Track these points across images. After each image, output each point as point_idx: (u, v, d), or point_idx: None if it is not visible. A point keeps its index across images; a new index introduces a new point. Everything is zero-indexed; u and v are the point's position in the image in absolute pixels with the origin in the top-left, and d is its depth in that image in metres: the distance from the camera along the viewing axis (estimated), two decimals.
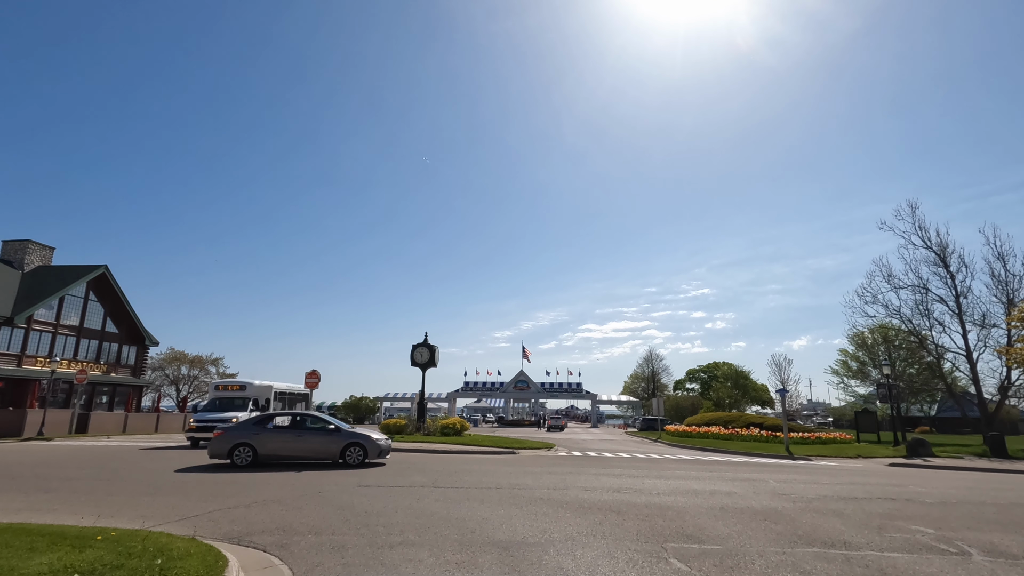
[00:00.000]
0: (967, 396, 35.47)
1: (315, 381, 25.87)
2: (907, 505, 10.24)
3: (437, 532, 7.23)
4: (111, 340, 40.12)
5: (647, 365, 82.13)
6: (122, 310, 40.44)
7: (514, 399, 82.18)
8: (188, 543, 5.87)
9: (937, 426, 50.03)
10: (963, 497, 11.56)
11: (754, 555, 6.36)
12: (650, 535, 7.30)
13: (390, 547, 6.45)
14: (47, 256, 40.46)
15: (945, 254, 31.43)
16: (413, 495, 10.35)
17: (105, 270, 38.73)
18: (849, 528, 7.94)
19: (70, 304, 36.98)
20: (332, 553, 6.18)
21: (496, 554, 6.20)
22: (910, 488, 12.89)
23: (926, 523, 8.47)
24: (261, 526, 7.54)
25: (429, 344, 28.49)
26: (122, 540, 5.62)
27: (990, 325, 30.30)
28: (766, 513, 9.06)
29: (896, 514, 9.22)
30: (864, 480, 14.53)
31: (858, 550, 6.67)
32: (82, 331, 37.76)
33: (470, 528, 7.50)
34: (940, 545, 7.01)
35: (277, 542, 6.64)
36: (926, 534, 7.65)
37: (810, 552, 6.54)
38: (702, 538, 7.17)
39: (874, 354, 43.10)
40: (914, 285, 32.30)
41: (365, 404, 70.37)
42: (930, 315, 31.89)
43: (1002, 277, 30.05)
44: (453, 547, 6.47)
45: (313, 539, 6.83)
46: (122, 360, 41.01)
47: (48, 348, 35.18)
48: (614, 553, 6.34)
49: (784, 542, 7.01)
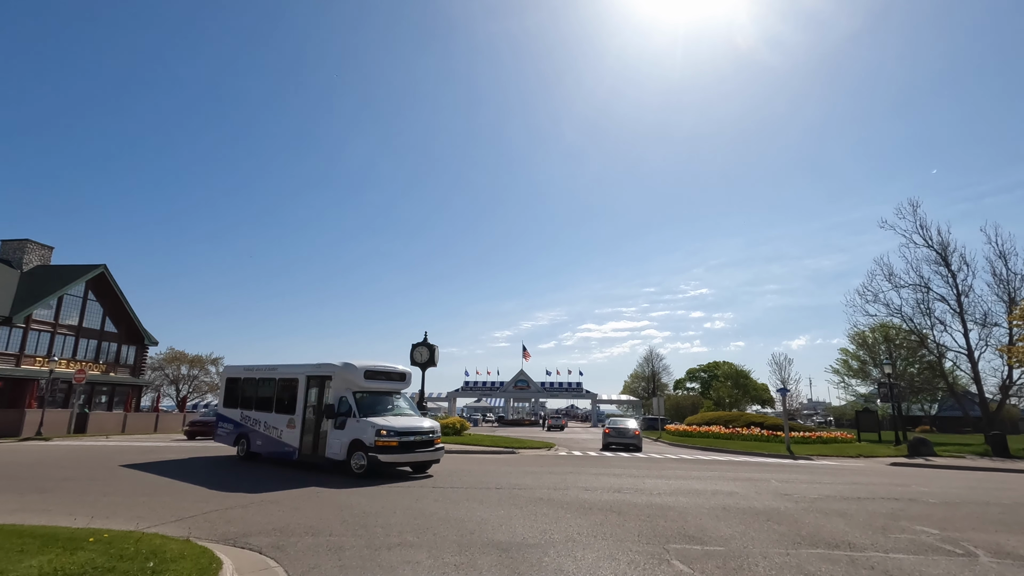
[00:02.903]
0: (968, 395, 35.40)
1: None
2: (911, 505, 10.14)
3: (436, 533, 7.14)
4: (110, 340, 40.00)
5: (647, 364, 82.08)
6: (121, 310, 40.32)
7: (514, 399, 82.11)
8: (182, 545, 5.77)
9: (937, 425, 49.95)
10: (967, 497, 11.46)
11: (757, 556, 6.26)
12: (652, 536, 7.20)
13: (388, 548, 6.35)
14: (46, 255, 40.36)
15: (946, 253, 31.38)
16: (412, 495, 10.26)
17: (104, 270, 38.62)
18: (853, 529, 7.84)
19: (69, 304, 36.86)
20: (329, 555, 6.08)
21: (495, 556, 6.11)
22: (913, 488, 12.78)
23: (931, 524, 8.37)
24: (258, 527, 7.44)
25: (428, 343, 28.31)
26: (115, 542, 5.52)
27: (991, 324, 30.25)
28: (769, 513, 8.96)
29: (900, 514, 9.12)
30: (866, 480, 14.43)
31: (863, 551, 6.57)
32: (81, 331, 37.64)
33: (469, 529, 7.40)
34: (946, 546, 6.91)
35: (273, 543, 6.55)
36: (931, 535, 7.55)
37: (814, 553, 6.44)
38: (704, 539, 7.07)
39: (875, 353, 43.02)
40: (915, 284, 32.25)
41: None
42: (931, 314, 31.84)
43: (1003, 276, 29.99)
44: (452, 548, 6.37)
45: (310, 540, 6.73)
46: (121, 360, 40.89)
47: (47, 348, 35.06)
48: (615, 555, 6.24)
49: (787, 543, 6.91)
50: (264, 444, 15.49)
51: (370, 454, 12.42)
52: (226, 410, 17.36)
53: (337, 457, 13.14)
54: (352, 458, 12.75)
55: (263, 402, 16.03)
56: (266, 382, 16.27)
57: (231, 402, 17.26)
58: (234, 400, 17.16)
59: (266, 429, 15.44)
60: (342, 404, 13.50)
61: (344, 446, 13.00)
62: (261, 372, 16.57)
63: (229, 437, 17.04)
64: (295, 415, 14.61)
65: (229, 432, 17.06)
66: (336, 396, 13.71)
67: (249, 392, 16.75)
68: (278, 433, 15.01)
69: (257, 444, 15.77)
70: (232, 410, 17.07)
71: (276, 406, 15.41)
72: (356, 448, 12.76)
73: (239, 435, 16.52)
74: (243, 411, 16.51)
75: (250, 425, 16.12)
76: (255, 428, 15.92)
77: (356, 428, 12.93)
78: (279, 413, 15.17)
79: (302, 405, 14.56)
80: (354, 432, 12.92)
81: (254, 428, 15.95)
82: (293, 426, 14.61)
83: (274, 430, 15.15)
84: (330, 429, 13.51)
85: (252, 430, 16.02)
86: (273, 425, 15.23)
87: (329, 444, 13.43)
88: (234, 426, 16.80)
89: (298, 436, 14.38)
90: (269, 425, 15.37)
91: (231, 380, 17.74)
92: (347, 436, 13.02)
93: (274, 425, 15.20)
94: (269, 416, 15.48)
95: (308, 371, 14.77)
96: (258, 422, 15.88)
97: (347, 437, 13.01)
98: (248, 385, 16.89)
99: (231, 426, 16.94)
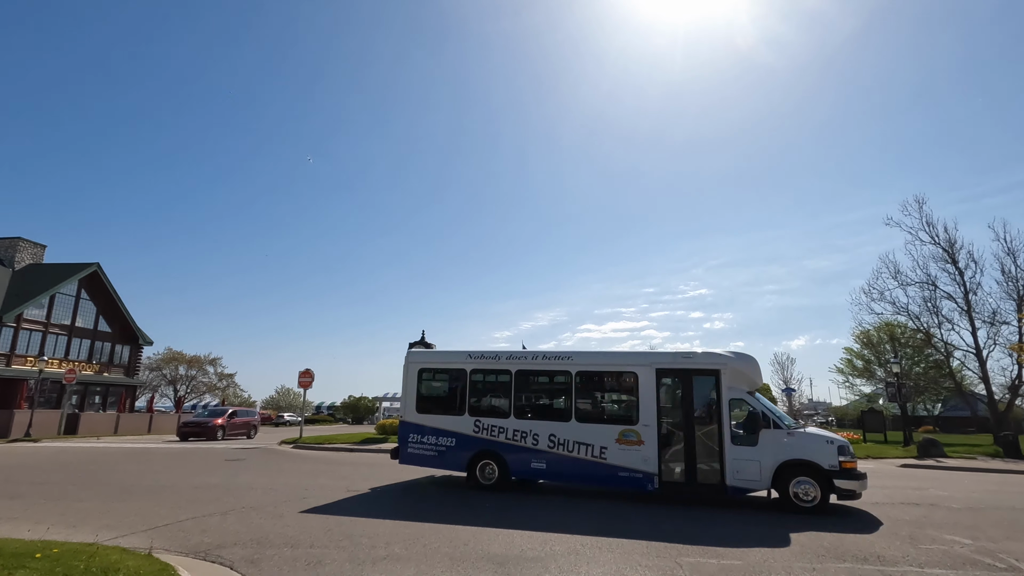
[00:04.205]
0: (974, 395, 34.81)
1: (308, 380, 25.20)
2: (933, 511, 9.56)
3: (426, 545, 6.55)
4: (104, 339, 39.44)
5: None
6: (115, 309, 39.75)
7: None
8: (141, 560, 5.19)
9: (941, 425, 49.32)
10: (991, 502, 10.87)
11: (779, 571, 5.68)
12: (663, 548, 6.62)
13: (372, 562, 5.78)
14: (38, 254, 39.81)
15: (953, 250, 30.75)
16: (404, 501, 9.68)
17: (97, 268, 38.04)
18: (879, 539, 7.25)
19: (61, 303, 36.29)
20: (306, 570, 5.51)
21: (490, 571, 5.53)
22: (931, 492, 12.20)
23: (960, 532, 7.79)
24: (234, 537, 6.86)
25: (426, 342, 27.77)
26: (64, 558, 4.94)
27: (1000, 322, 29.64)
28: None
29: (925, 521, 8.54)
30: (880, 483, 13.82)
31: (895, 565, 5.98)
32: (74, 330, 37.07)
33: (463, 540, 6.82)
34: (984, 559, 6.33)
35: (248, 556, 5.97)
36: (964, 545, 6.97)
37: (842, 568, 5.86)
38: (720, 551, 6.49)
39: (880, 352, 42.42)
40: (922, 282, 31.67)
41: (364, 404, 69.70)
42: (939, 312, 31.25)
43: (1012, 273, 29.36)
44: (443, 562, 5.79)
45: (288, 553, 6.16)
46: (115, 360, 40.32)
47: (39, 347, 34.48)
48: (623, 570, 5.66)
49: (811, 556, 6.33)
50: (557, 465, 10.80)
51: (832, 480, 9.14)
52: (424, 417, 12.04)
53: (750, 485, 9.59)
54: (793, 486, 9.32)
55: (537, 407, 11.58)
56: (545, 377, 11.65)
57: (437, 405, 12.24)
58: (445, 402, 12.23)
59: (558, 446, 10.79)
60: (746, 411, 10.01)
61: (768, 469, 9.47)
62: (524, 362, 11.74)
63: (445, 457, 11.64)
64: (639, 425, 10.36)
65: (444, 449, 11.64)
66: (731, 398, 10.00)
67: (493, 391, 11.97)
68: (593, 451, 10.51)
69: (533, 466, 10.95)
70: (443, 417, 11.88)
71: (582, 413, 10.97)
72: (796, 472, 9.36)
73: (477, 453, 11.33)
74: (478, 419, 11.52)
75: (507, 438, 11.19)
76: (519, 442, 11.07)
77: (792, 444, 9.47)
78: (596, 423, 10.75)
79: (652, 411, 10.38)
80: (789, 450, 9.45)
81: (518, 442, 11.09)
82: (636, 441, 10.28)
83: (583, 447, 10.62)
84: (728, 446, 9.72)
85: (514, 445, 11.11)
86: (580, 440, 10.66)
87: (734, 467, 9.63)
88: (457, 440, 11.56)
89: (652, 456, 10.14)
90: (564, 440, 10.78)
91: (437, 373, 12.57)
92: (770, 456, 9.49)
93: (582, 440, 10.65)
94: (562, 427, 10.89)
95: (659, 362, 10.69)
96: (528, 435, 11.03)
97: (771, 457, 9.48)
98: (493, 381, 12.00)
99: (449, 440, 11.64)
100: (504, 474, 11.05)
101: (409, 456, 11.93)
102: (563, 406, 11.22)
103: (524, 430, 11.12)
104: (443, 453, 11.61)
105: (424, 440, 11.84)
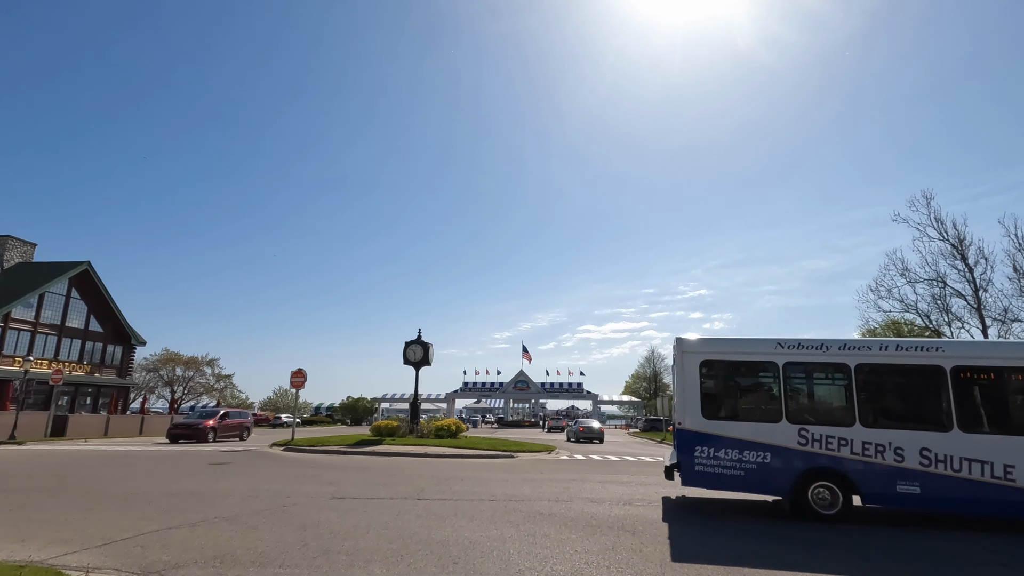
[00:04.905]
0: None
1: (301, 380, 24.44)
2: None
3: (411, 563, 5.80)
4: (95, 339, 38.69)
5: (649, 365, 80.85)
6: (107, 308, 39.00)
7: (514, 399, 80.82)
8: None
9: None
10: None
11: None
12: (678, 568, 5.87)
13: None
14: (28, 252, 39.05)
15: (963, 246, 30.06)
16: (392, 510, 8.91)
17: (88, 266, 37.31)
18: None
19: (51, 302, 35.55)
20: None
21: None
22: None
23: None
24: (197, 554, 6.11)
25: (423, 341, 27.07)
26: None
27: (1011, 320, 28.95)
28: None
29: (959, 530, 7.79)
30: None
31: None
32: (64, 330, 36.32)
33: (453, 556, 6.07)
34: None
35: None
36: None
37: None
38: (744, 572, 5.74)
39: None
40: (931, 279, 30.96)
41: (363, 405, 68.93)
42: (948, 310, 30.55)
43: None
44: None
45: (253, 572, 5.41)
46: (107, 360, 39.57)
47: (27, 347, 33.74)
48: None
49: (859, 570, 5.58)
50: (935, 489, 8.43)
51: None
52: (716, 424, 9.46)
53: None
54: None
55: (896, 412, 9.27)
56: (902, 374, 9.31)
57: (735, 409, 9.77)
58: (748, 405, 9.85)
59: (936, 463, 8.48)
60: None
61: None
62: (869, 353, 9.28)
63: (754, 476, 9.10)
64: None
65: (753, 467, 9.11)
66: None
67: (824, 391, 9.83)
68: (994, 471, 8.30)
69: (900, 489, 8.53)
70: (747, 424, 9.34)
71: (968, 420, 8.62)
72: None
73: (807, 471, 8.88)
74: (803, 427, 9.03)
75: (853, 452, 8.76)
76: (874, 458, 8.68)
77: None
78: (995, 434, 8.48)
79: None
80: None
81: (871, 458, 8.69)
82: None
83: (975, 465, 8.37)
84: None
85: (866, 462, 8.69)
86: (970, 455, 8.40)
87: None
88: (772, 455, 9.06)
89: None
90: (944, 455, 8.47)
91: (732, 367, 10.05)
92: None
93: (973, 455, 8.39)
94: (940, 438, 8.55)
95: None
96: (887, 448, 8.66)
97: None
98: (822, 377, 9.73)
99: (760, 454, 9.11)
100: (848, 500, 8.75)
101: (698, 475, 9.32)
102: (937, 411, 8.84)
103: (880, 442, 8.70)
104: (752, 472, 9.07)
105: (719, 455, 9.24)
